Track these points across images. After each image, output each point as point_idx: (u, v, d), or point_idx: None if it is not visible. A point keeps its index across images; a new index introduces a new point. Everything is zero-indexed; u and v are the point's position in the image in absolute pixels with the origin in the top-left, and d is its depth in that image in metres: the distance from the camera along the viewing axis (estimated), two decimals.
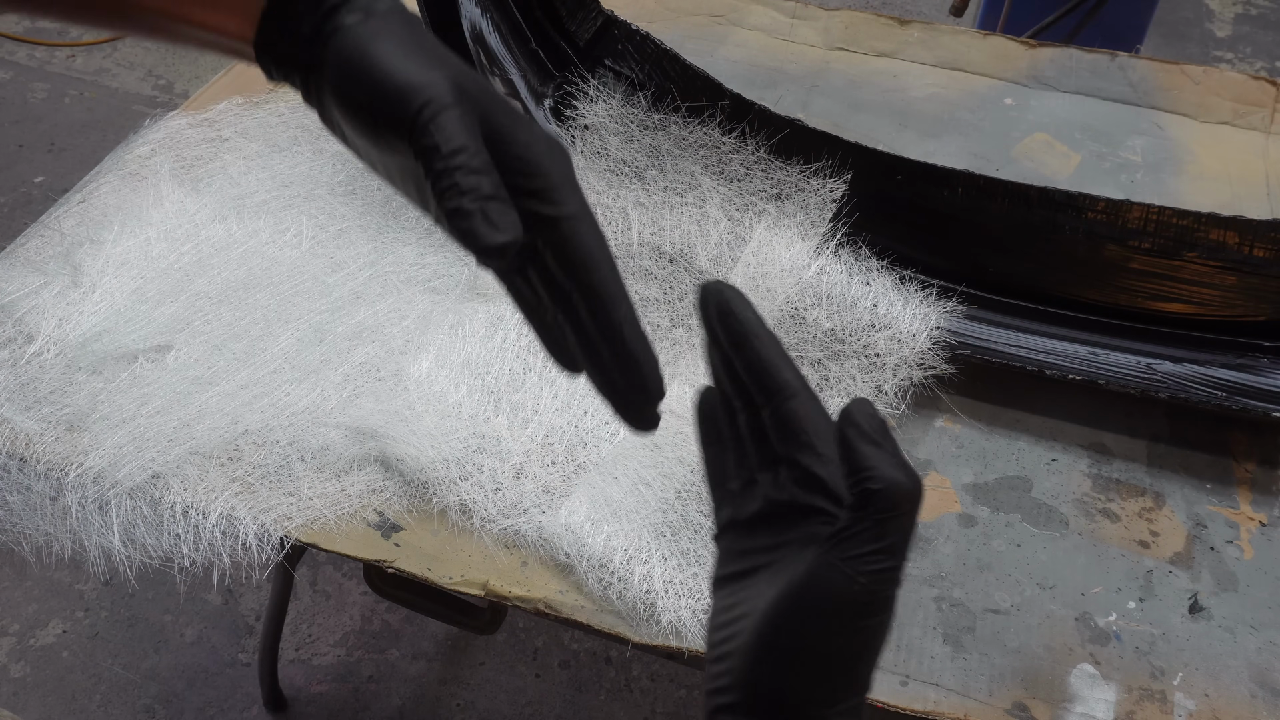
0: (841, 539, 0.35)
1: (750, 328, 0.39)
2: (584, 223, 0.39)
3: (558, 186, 0.38)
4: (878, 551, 0.34)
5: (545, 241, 0.39)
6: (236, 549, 0.64)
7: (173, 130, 0.90)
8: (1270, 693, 0.60)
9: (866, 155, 0.81)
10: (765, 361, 0.39)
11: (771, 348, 0.39)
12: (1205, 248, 0.75)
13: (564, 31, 0.90)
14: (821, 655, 0.36)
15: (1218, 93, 0.99)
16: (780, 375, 0.38)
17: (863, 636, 0.35)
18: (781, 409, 0.38)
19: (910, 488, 0.34)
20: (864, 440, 0.35)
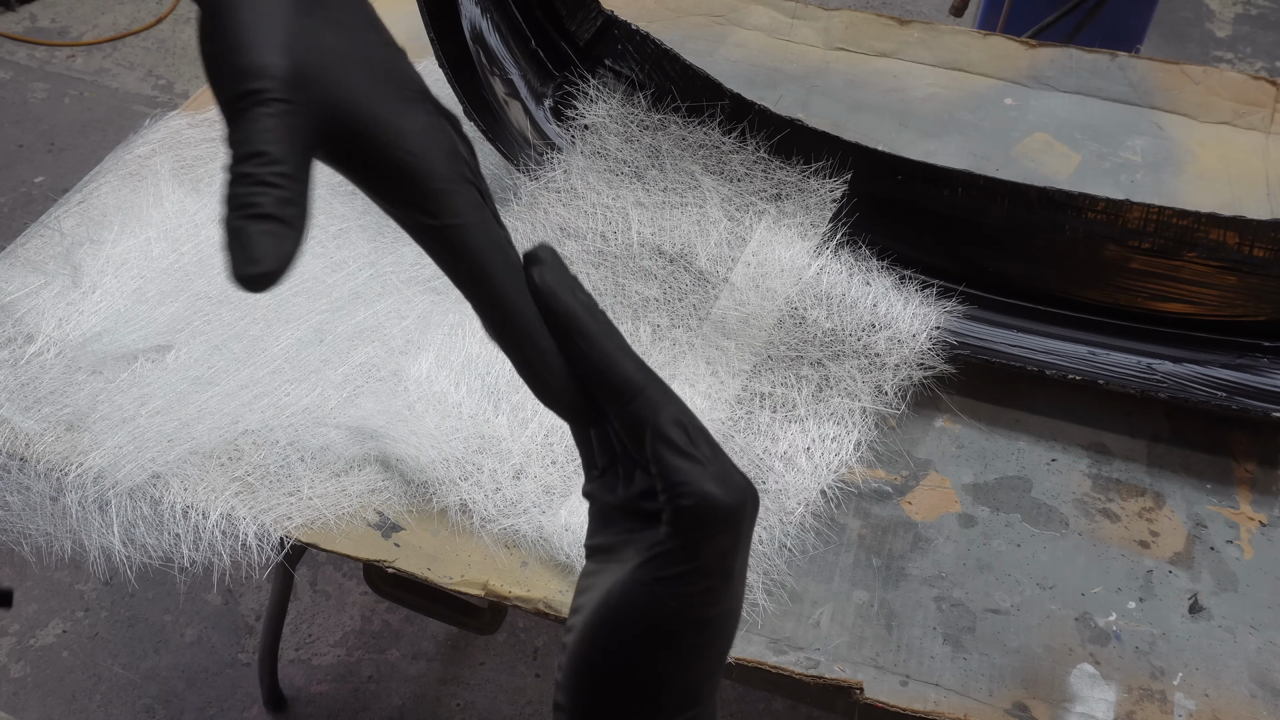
0: (655, 557, 0.32)
1: (572, 320, 0.34)
2: (461, 232, 0.34)
3: (432, 191, 0.34)
4: (691, 572, 0.32)
5: (428, 251, 0.35)
6: (236, 549, 0.64)
7: (173, 130, 0.90)
8: (1270, 693, 0.60)
9: (866, 155, 0.81)
10: (599, 358, 0.34)
11: (603, 340, 0.34)
12: (1205, 248, 0.75)
13: (564, 31, 0.90)
14: (634, 675, 0.33)
15: (1218, 93, 0.99)
16: (619, 372, 0.34)
17: (680, 658, 0.33)
18: (625, 412, 0.34)
19: (725, 501, 0.31)
20: (673, 453, 0.32)
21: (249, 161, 0.31)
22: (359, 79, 0.34)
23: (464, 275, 0.35)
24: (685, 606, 0.32)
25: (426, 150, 0.34)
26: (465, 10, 0.86)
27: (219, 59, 0.32)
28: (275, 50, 0.32)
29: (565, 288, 0.35)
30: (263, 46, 0.32)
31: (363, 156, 0.34)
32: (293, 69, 0.32)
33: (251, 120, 0.32)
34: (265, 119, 0.31)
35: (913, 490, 0.70)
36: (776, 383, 0.72)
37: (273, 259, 0.31)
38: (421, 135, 0.34)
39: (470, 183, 0.35)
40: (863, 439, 0.70)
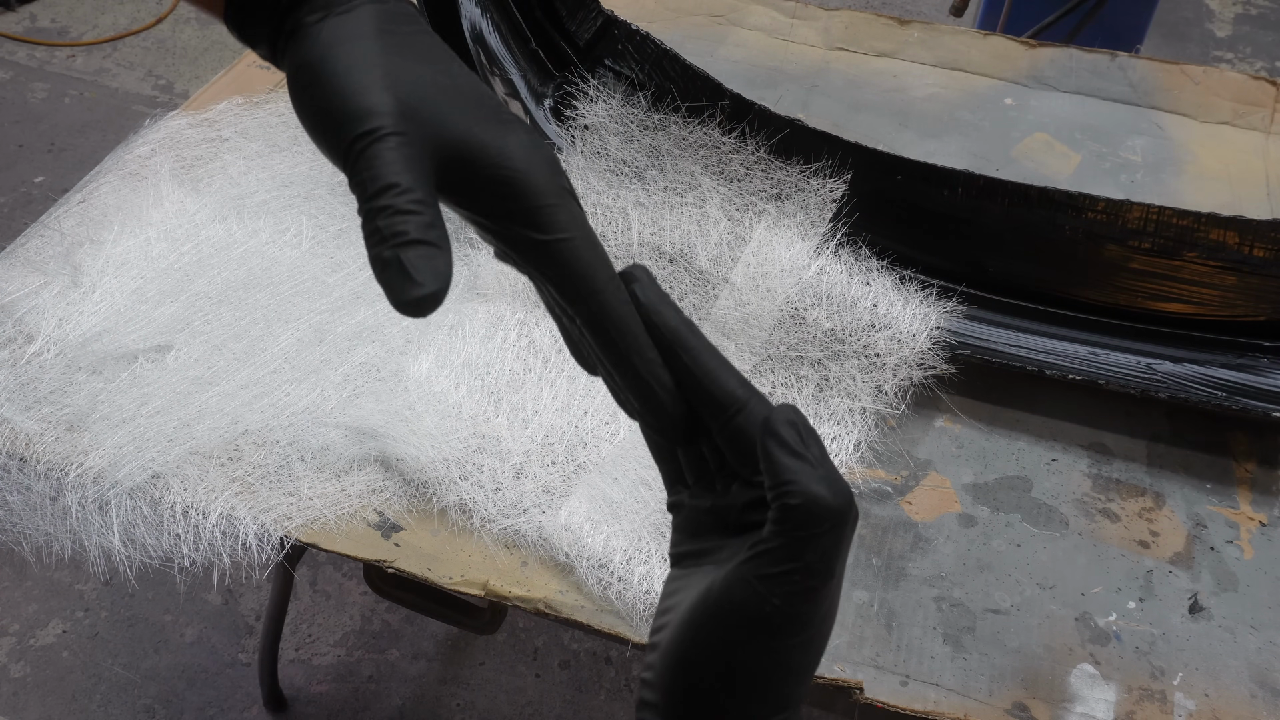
0: (758, 554, 0.33)
1: (677, 335, 0.35)
2: (575, 245, 0.35)
3: (540, 207, 0.35)
4: (794, 571, 0.32)
5: (536, 268, 0.36)
6: (236, 549, 0.64)
7: (173, 130, 0.90)
8: (1270, 693, 0.60)
9: (866, 155, 0.81)
10: (703, 373, 0.35)
11: (706, 355, 0.35)
12: (1205, 248, 0.75)
13: (564, 31, 0.90)
14: (733, 671, 0.33)
15: (1218, 93, 0.99)
16: (723, 387, 0.35)
17: (778, 656, 0.33)
18: (730, 425, 0.35)
19: (833, 503, 0.32)
20: (784, 452, 0.33)
21: (384, 195, 0.32)
22: (458, 108, 0.35)
23: (574, 290, 0.35)
24: (787, 603, 0.32)
25: (531, 168, 0.35)
26: (465, 10, 0.86)
27: (323, 109, 0.34)
28: (379, 90, 0.33)
29: (667, 304, 0.36)
30: (367, 88, 0.33)
31: (472, 180, 0.35)
32: (399, 105, 0.33)
33: (375, 156, 0.33)
34: (388, 153, 0.33)
35: (913, 490, 0.70)
36: (776, 383, 0.72)
37: (434, 279, 0.31)
38: (524, 154, 0.35)
39: (572, 197, 0.36)
40: (863, 439, 0.70)
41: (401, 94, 0.34)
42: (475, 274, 0.78)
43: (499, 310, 0.76)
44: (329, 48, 0.35)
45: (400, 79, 0.34)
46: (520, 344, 0.74)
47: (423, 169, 0.33)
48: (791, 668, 0.34)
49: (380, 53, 0.34)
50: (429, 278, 0.31)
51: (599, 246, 0.36)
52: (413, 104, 0.34)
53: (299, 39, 0.35)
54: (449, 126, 0.34)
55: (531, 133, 0.36)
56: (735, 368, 0.36)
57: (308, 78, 0.34)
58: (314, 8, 0.35)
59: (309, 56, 0.35)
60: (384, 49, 0.35)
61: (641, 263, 0.38)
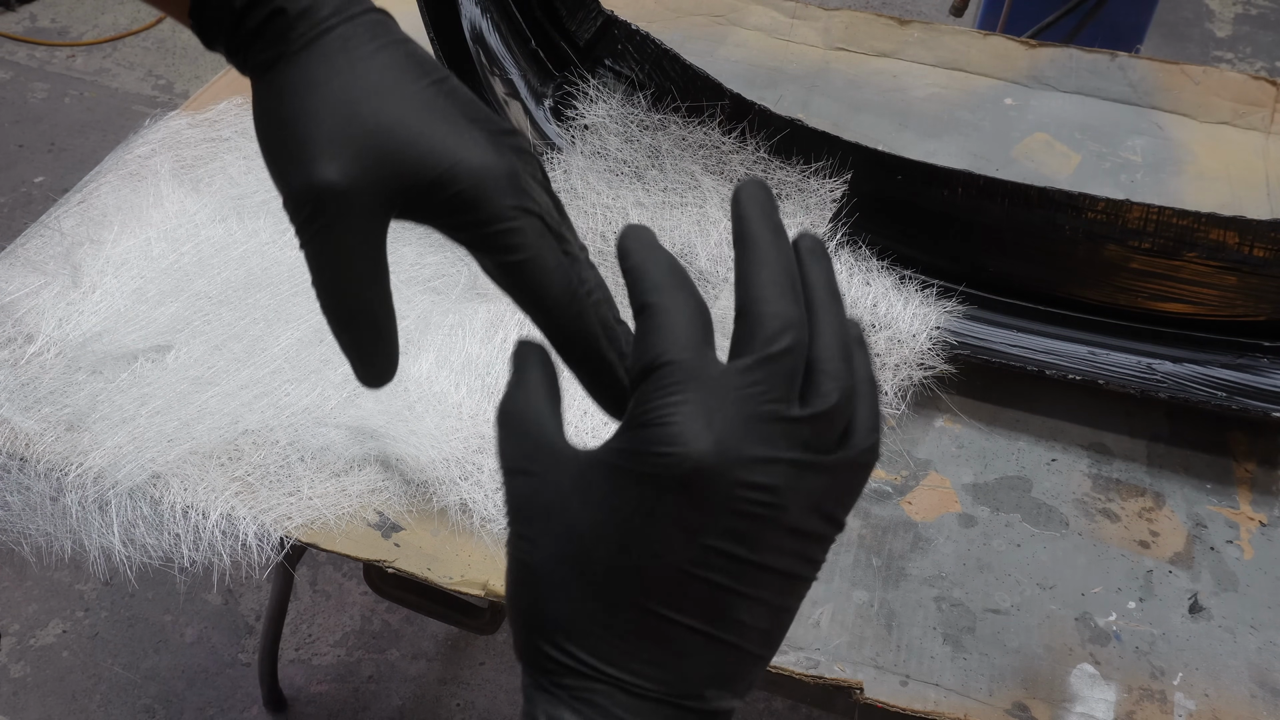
0: None
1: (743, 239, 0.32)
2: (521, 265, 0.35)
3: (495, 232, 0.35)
4: None
5: (498, 284, 0.37)
6: (236, 549, 0.64)
7: (173, 130, 0.90)
8: (1270, 693, 0.60)
9: (866, 155, 0.81)
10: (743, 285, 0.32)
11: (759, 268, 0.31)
12: (1205, 248, 0.75)
13: (564, 31, 0.90)
14: None
15: (1218, 93, 0.99)
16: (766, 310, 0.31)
17: None
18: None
19: None
20: None
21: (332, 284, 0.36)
22: (407, 139, 0.35)
23: (531, 304, 0.36)
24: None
25: (481, 188, 0.35)
26: (465, 10, 0.86)
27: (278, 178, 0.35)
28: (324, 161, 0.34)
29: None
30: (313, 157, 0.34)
31: (430, 211, 0.35)
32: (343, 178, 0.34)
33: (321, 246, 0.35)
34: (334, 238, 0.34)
35: (913, 490, 0.70)
36: None
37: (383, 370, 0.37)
38: (474, 175, 0.35)
39: (531, 212, 0.35)
40: None
41: (349, 151, 0.34)
42: (475, 274, 0.78)
43: (499, 310, 0.76)
44: (279, 100, 0.35)
45: (349, 130, 0.34)
46: None
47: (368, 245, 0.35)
48: None
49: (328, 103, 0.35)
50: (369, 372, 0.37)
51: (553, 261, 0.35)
52: (361, 160, 0.34)
53: (255, 81, 0.36)
54: (400, 169, 0.34)
55: (489, 148, 0.35)
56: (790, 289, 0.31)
57: (262, 128, 0.36)
58: (265, 44, 0.35)
59: (261, 107, 0.36)
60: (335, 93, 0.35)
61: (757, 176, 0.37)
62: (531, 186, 0.36)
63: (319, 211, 0.34)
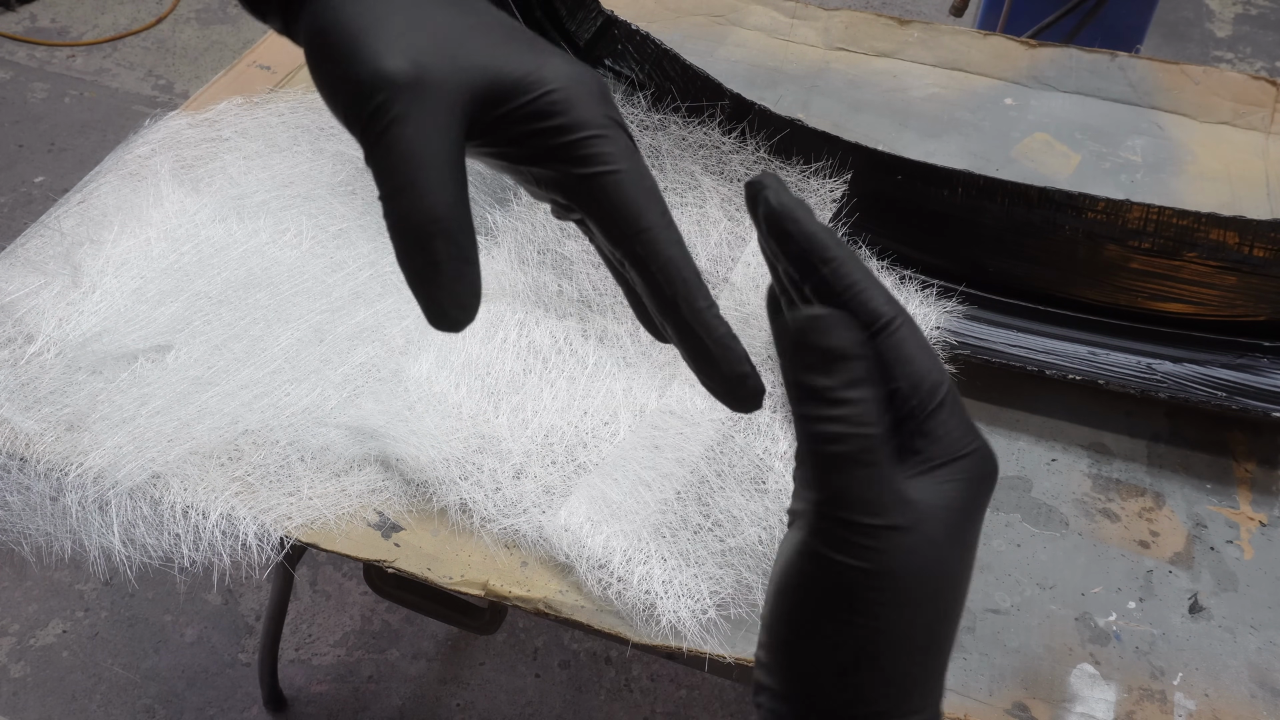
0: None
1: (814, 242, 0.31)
2: (616, 180, 0.32)
3: (582, 139, 0.31)
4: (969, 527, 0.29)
5: (580, 206, 0.33)
6: (236, 549, 0.64)
7: (173, 130, 0.90)
8: (1270, 693, 0.60)
9: (866, 155, 0.81)
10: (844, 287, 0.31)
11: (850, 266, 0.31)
12: (1205, 248, 0.75)
13: (564, 31, 0.90)
14: (834, 647, 0.29)
15: (1218, 93, 0.99)
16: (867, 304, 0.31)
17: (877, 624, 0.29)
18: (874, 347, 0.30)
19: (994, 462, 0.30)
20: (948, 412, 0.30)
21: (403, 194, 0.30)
22: (486, 44, 0.32)
23: (617, 229, 0.32)
24: (855, 556, 0.28)
25: (571, 95, 0.32)
26: None
27: (337, 79, 0.31)
28: (394, 54, 0.30)
29: (803, 208, 0.31)
30: (380, 53, 0.30)
31: (508, 118, 0.32)
32: (416, 66, 0.30)
33: (392, 144, 0.30)
34: (405, 141, 0.30)
35: None
36: (777, 382, 0.72)
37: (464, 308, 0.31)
38: (564, 81, 0.32)
39: (621, 127, 0.32)
40: None
41: (420, 49, 0.31)
42: None
43: (499, 310, 0.76)
44: (339, 9, 0.32)
45: (418, 32, 0.31)
46: (520, 344, 0.74)
47: (445, 143, 0.31)
48: (900, 638, 0.29)
49: (398, 8, 0.32)
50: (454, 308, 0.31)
51: (649, 181, 0.33)
52: (433, 56, 0.31)
53: (309, 4, 0.33)
54: (477, 67, 0.31)
55: (573, 60, 0.33)
56: (877, 279, 0.31)
57: (318, 46, 0.32)
58: None
59: (319, 22, 0.32)
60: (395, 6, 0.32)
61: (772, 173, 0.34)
62: (615, 105, 0.33)
63: (387, 106, 0.30)
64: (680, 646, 0.60)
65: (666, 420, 0.69)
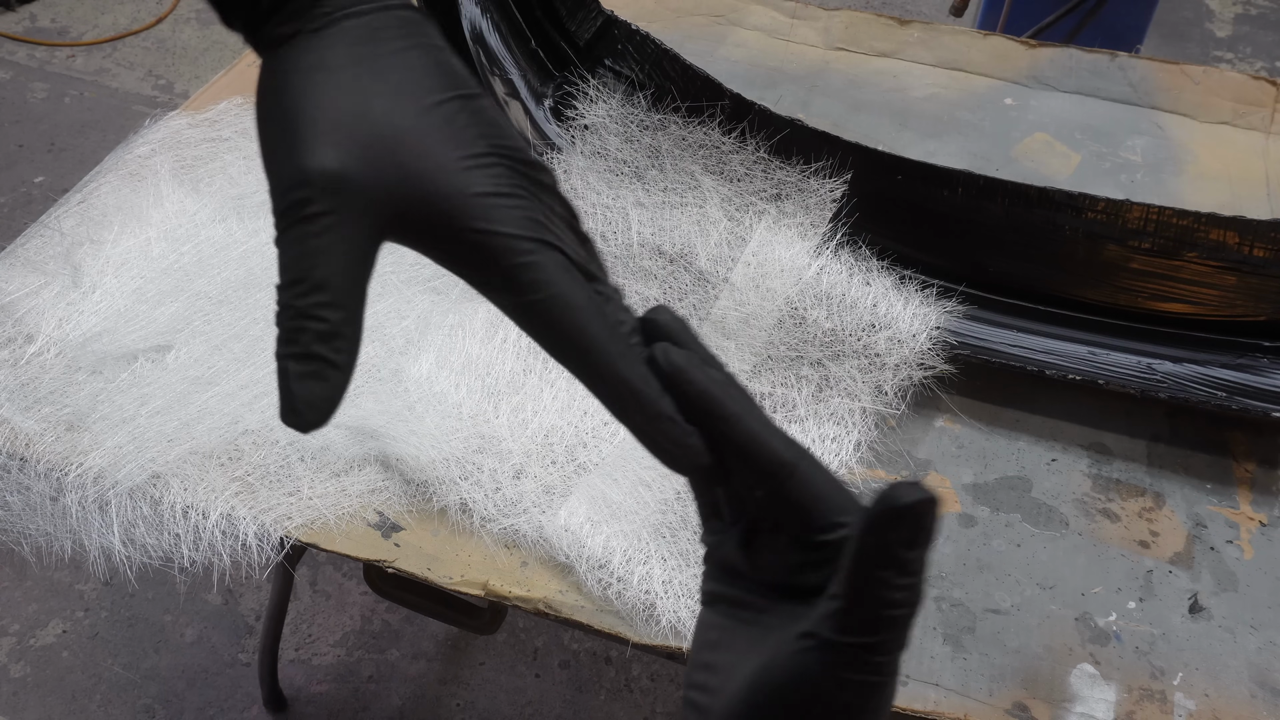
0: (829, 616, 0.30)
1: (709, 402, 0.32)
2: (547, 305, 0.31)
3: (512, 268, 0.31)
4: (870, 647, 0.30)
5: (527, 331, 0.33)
6: (236, 549, 0.64)
7: (173, 130, 0.90)
8: (1270, 693, 0.60)
9: (866, 155, 0.81)
10: (744, 441, 0.32)
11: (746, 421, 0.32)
12: (1205, 248, 0.75)
13: (564, 31, 0.90)
14: None
15: (1218, 93, 0.99)
16: (767, 453, 0.32)
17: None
18: (779, 492, 0.32)
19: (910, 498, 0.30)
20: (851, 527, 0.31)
21: (293, 289, 0.30)
22: (418, 151, 0.31)
23: (561, 351, 0.32)
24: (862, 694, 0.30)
25: (497, 222, 0.31)
26: (465, 10, 0.86)
27: (268, 159, 0.31)
28: (320, 149, 0.30)
29: (695, 364, 0.32)
30: (308, 146, 0.30)
31: (431, 237, 0.31)
32: (339, 168, 0.30)
33: (297, 240, 0.30)
34: (310, 239, 0.30)
35: None
36: (776, 383, 0.72)
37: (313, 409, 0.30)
38: (489, 204, 0.31)
39: (550, 245, 0.32)
40: (863, 439, 0.70)
41: (351, 148, 0.30)
42: None
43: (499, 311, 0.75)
44: (286, 77, 0.31)
45: (356, 125, 0.30)
46: (520, 344, 0.74)
47: (353, 250, 0.30)
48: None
49: (340, 90, 0.30)
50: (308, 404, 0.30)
51: (583, 297, 0.32)
52: (362, 160, 0.30)
53: (266, 56, 0.32)
54: (405, 179, 0.30)
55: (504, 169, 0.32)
56: (775, 425, 0.32)
57: (261, 110, 0.31)
58: (285, 17, 0.31)
59: (265, 86, 0.31)
60: (348, 81, 0.31)
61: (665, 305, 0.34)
62: (553, 221, 0.32)
63: (304, 202, 0.30)
64: (680, 646, 0.60)
65: None
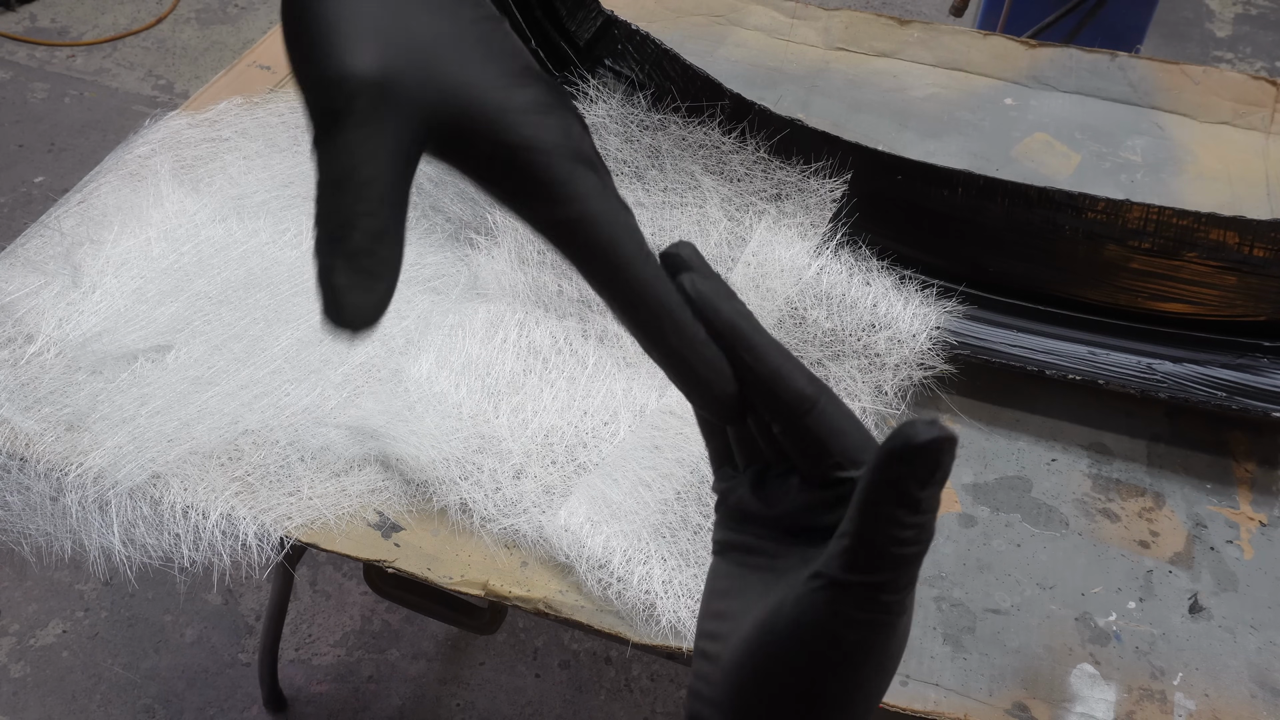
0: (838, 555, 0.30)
1: (735, 331, 0.33)
2: (585, 223, 0.31)
3: (548, 181, 0.31)
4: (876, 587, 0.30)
5: (559, 249, 0.32)
6: (236, 549, 0.64)
7: (173, 130, 0.90)
8: (1270, 693, 0.60)
9: (866, 155, 0.81)
10: (768, 372, 0.32)
11: (770, 352, 0.33)
12: (1205, 248, 0.75)
13: (564, 31, 0.90)
14: (809, 700, 0.31)
15: (1218, 93, 0.99)
16: (790, 386, 0.32)
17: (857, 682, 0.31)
18: (797, 426, 0.32)
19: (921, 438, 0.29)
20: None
21: (336, 191, 0.28)
22: (459, 63, 0.30)
23: (596, 270, 0.32)
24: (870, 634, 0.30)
25: (538, 136, 0.31)
26: None
27: (303, 63, 0.29)
28: (362, 51, 0.29)
29: (721, 296, 0.33)
30: (348, 48, 0.29)
31: (471, 150, 0.31)
32: (382, 70, 0.29)
33: (339, 142, 0.29)
34: (354, 141, 0.28)
35: None
36: None
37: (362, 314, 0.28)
38: (531, 120, 0.31)
39: (589, 165, 0.32)
40: None
41: (389, 55, 0.29)
42: (475, 274, 0.78)
43: (499, 310, 0.76)
44: None
45: (392, 33, 0.29)
46: (520, 344, 0.74)
47: (396, 154, 0.29)
48: (868, 692, 0.32)
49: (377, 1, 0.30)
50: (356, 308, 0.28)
51: (621, 217, 0.32)
52: (402, 65, 0.29)
53: None
54: (445, 89, 0.30)
55: (543, 90, 0.32)
56: (797, 360, 0.33)
57: (292, 23, 0.30)
58: None
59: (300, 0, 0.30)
60: None
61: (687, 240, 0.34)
62: (586, 141, 0.32)
63: (349, 103, 0.29)
64: (680, 646, 0.60)
65: (666, 420, 0.69)
